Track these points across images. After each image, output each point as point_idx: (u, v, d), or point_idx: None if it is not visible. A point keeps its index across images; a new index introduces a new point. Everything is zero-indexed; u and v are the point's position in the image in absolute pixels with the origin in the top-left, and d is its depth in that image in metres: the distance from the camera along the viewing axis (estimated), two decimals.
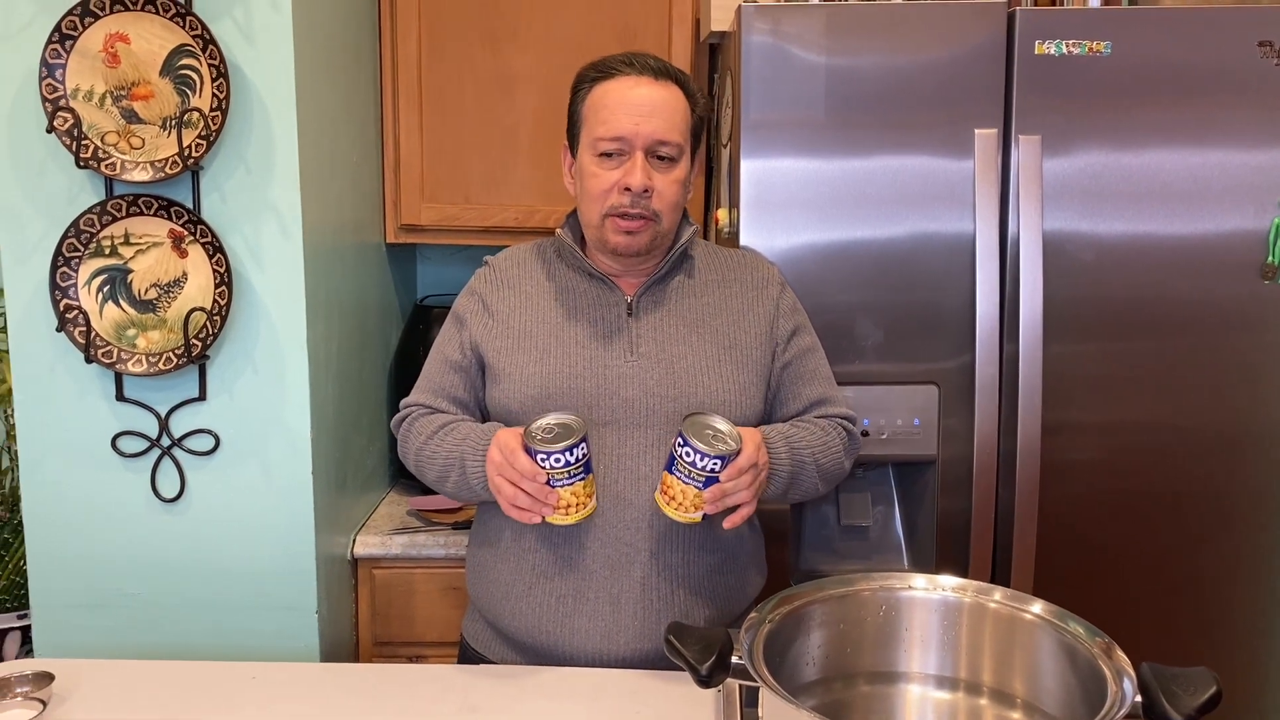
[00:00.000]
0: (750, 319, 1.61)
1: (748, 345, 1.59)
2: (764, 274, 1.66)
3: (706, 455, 1.38)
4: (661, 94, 1.51)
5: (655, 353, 1.55)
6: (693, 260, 1.64)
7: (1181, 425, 1.91)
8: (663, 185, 1.52)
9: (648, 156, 1.51)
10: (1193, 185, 1.87)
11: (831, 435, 1.60)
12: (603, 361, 1.54)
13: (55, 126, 1.70)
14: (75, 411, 1.82)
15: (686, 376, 1.54)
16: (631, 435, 1.52)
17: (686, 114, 1.54)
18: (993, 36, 1.85)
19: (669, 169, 1.52)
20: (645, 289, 1.59)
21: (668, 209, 1.53)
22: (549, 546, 1.53)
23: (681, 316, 1.58)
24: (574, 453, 1.37)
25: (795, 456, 1.53)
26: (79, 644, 1.86)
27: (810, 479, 1.57)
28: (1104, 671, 1.09)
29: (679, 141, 1.52)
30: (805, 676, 1.25)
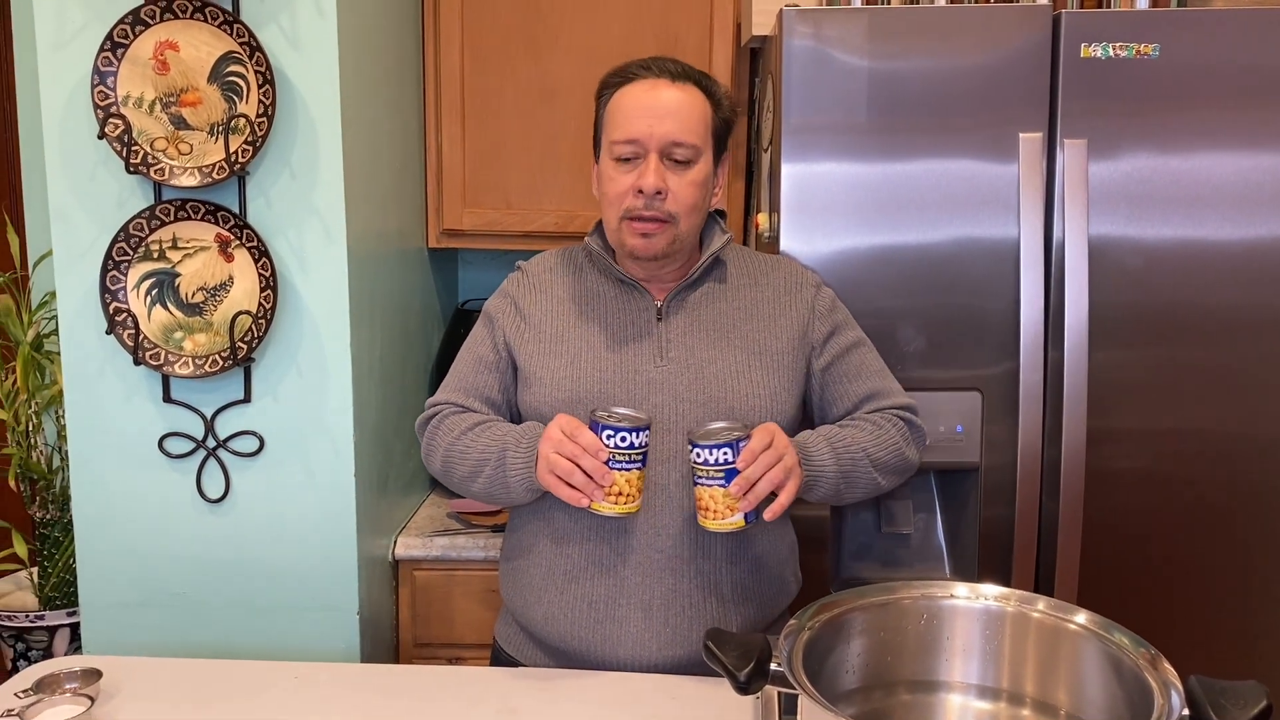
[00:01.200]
0: (783, 323, 1.59)
1: (779, 350, 1.58)
2: (797, 277, 1.64)
3: (714, 447, 1.38)
4: (678, 96, 1.51)
5: (684, 358, 1.55)
6: (725, 267, 1.63)
7: (1230, 433, 1.88)
8: (678, 187, 1.50)
9: (663, 159, 1.50)
10: (1243, 189, 1.84)
11: (886, 428, 1.58)
12: (632, 366, 1.54)
13: (106, 133, 1.73)
14: (124, 413, 1.85)
15: (715, 382, 1.53)
16: (662, 441, 1.51)
17: (706, 115, 1.53)
18: (1038, 39, 1.83)
19: (685, 170, 1.51)
20: (675, 294, 1.58)
21: (685, 211, 1.52)
22: (582, 551, 1.53)
23: (712, 321, 1.58)
24: (639, 436, 1.39)
25: (842, 455, 1.51)
26: (126, 641, 1.89)
27: (867, 475, 1.54)
28: (1150, 684, 1.07)
29: (695, 143, 1.51)
30: (845, 684, 1.24)
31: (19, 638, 2.35)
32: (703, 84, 1.54)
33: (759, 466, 1.38)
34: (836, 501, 1.57)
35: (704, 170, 1.53)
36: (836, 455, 1.51)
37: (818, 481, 1.49)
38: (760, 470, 1.38)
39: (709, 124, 1.53)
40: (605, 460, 1.39)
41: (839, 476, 1.51)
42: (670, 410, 1.52)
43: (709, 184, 1.55)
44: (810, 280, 1.65)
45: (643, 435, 1.40)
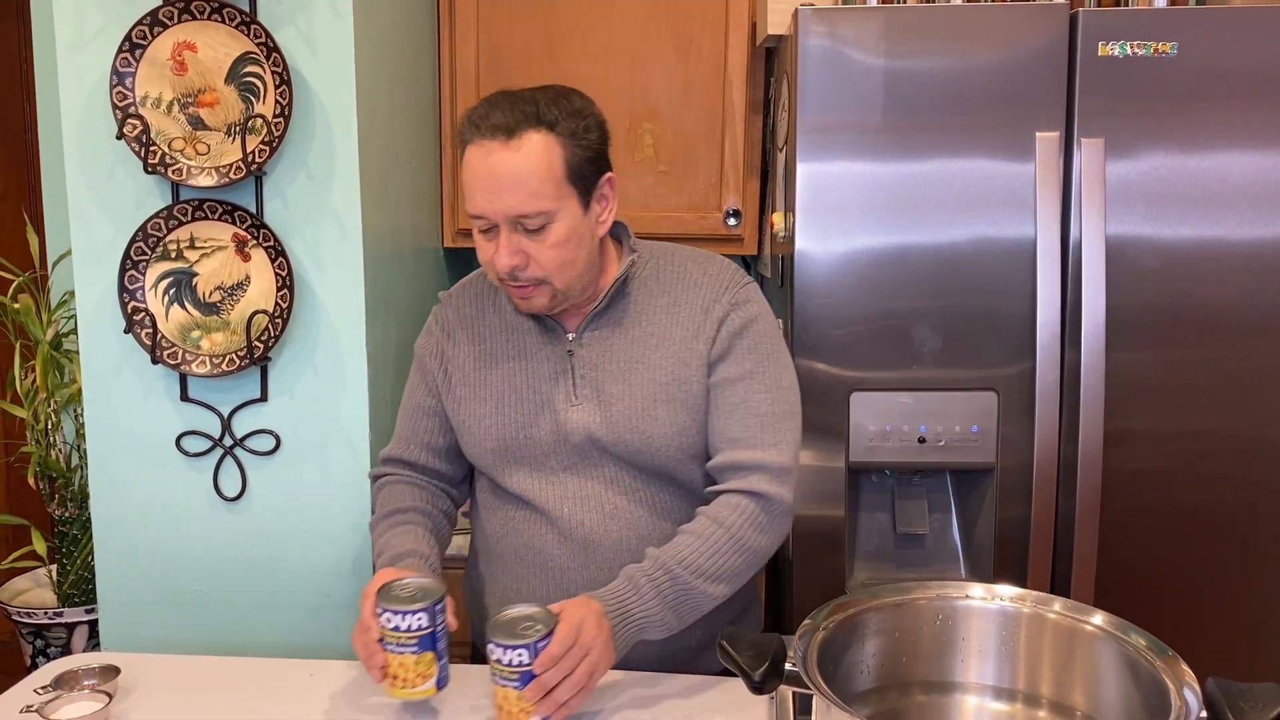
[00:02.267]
0: (696, 348, 1.48)
1: (688, 379, 1.47)
2: (716, 293, 1.50)
3: (510, 647, 1.26)
4: (513, 161, 1.35)
5: (593, 395, 1.48)
6: (641, 288, 1.51)
7: (1249, 435, 1.87)
8: (537, 253, 1.39)
9: (514, 228, 1.39)
10: (1262, 189, 1.83)
11: (728, 520, 1.42)
12: (550, 407, 1.49)
13: (125, 133, 1.74)
14: (141, 411, 1.86)
15: (622, 420, 1.47)
16: (589, 479, 1.49)
17: (554, 166, 1.37)
18: (1054, 38, 1.82)
19: (543, 235, 1.39)
20: (585, 326, 1.50)
21: (553, 271, 1.41)
22: (527, 582, 1.52)
23: (623, 351, 1.49)
24: (405, 619, 1.30)
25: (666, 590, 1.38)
26: (144, 639, 1.90)
27: (702, 595, 1.40)
28: (1167, 685, 1.07)
29: (543, 208, 1.37)
30: (860, 685, 1.23)
31: (38, 634, 2.37)
32: (547, 119, 1.37)
33: (555, 674, 1.27)
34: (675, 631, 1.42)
35: (565, 227, 1.39)
36: (660, 594, 1.38)
37: (646, 628, 1.38)
38: (556, 678, 1.27)
39: (558, 174, 1.38)
40: (380, 639, 1.32)
41: (669, 613, 1.39)
42: (588, 450, 1.48)
43: (578, 234, 1.41)
44: (728, 298, 1.50)
45: (413, 619, 1.30)
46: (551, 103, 1.39)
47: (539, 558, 1.52)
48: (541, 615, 1.30)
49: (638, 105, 2.34)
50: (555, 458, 1.50)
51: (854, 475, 1.94)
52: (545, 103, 1.39)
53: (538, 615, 1.30)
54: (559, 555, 1.50)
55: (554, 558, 1.51)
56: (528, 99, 1.39)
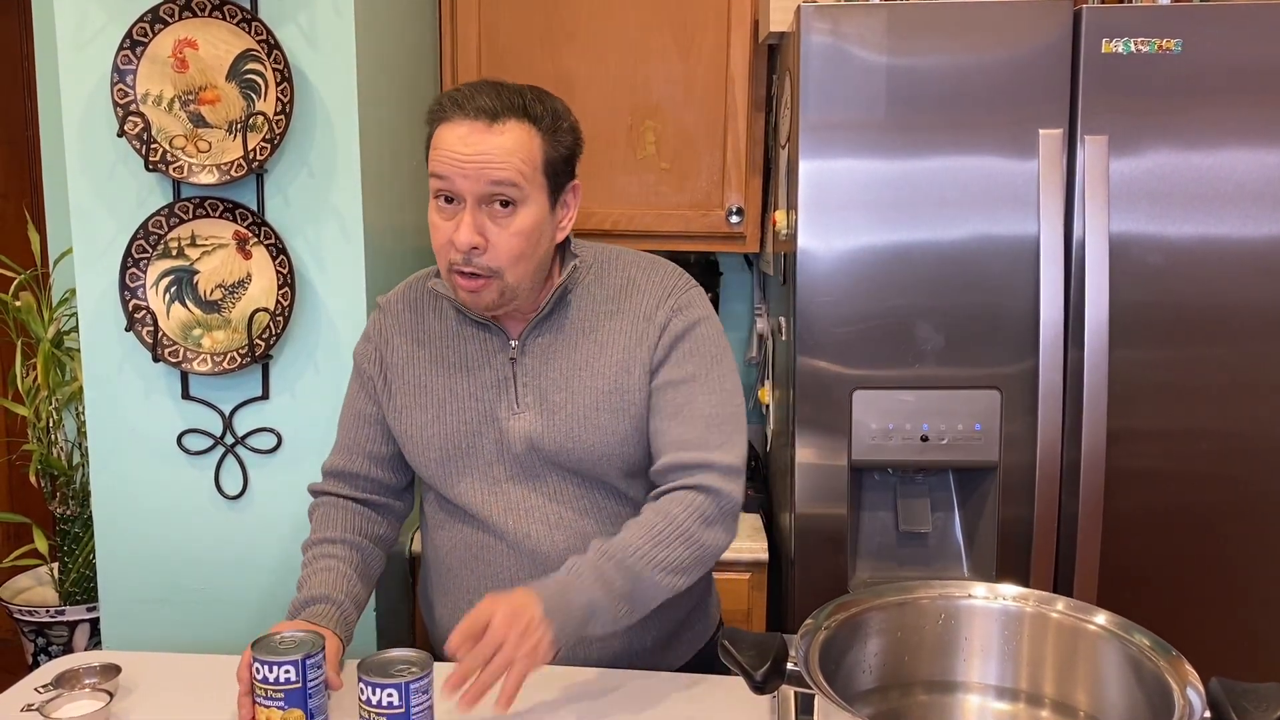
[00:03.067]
0: (637, 355, 1.46)
1: (630, 387, 1.45)
2: (659, 299, 1.48)
3: (379, 686, 1.21)
4: (495, 139, 1.35)
5: (536, 403, 1.46)
6: (583, 293, 1.49)
7: (1252, 434, 1.86)
8: (498, 238, 1.37)
9: (481, 204, 1.36)
10: (1267, 186, 1.82)
11: (674, 513, 1.38)
12: (493, 415, 1.47)
13: (126, 131, 1.74)
14: (143, 409, 1.86)
15: (564, 429, 1.45)
16: (533, 490, 1.47)
17: (534, 151, 1.37)
18: (1058, 35, 1.81)
19: (508, 218, 1.37)
20: (527, 332, 1.47)
21: (509, 263, 1.38)
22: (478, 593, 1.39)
23: (567, 358, 1.47)
24: (273, 671, 1.25)
25: (610, 579, 1.33)
26: (145, 637, 1.91)
27: (651, 584, 1.36)
28: (1171, 685, 1.07)
29: (517, 183, 1.35)
30: (861, 684, 1.23)
31: (39, 632, 2.37)
32: (532, 113, 1.37)
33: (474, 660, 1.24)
34: (630, 621, 1.38)
35: (532, 215, 1.38)
36: (605, 581, 1.33)
37: (594, 615, 1.32)
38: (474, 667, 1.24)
39: (537, 161, 1.37)
40: (250, 691, 1.28)
41: (618, 601, 1.34)
42: (531, 459, 1.46)
43: (541, 228, 1.40)
44: (670, 303, 1.48)
45: (280, 670, 1.25)
46: (536, 99, 1.39)
47: (488, 569, 1.50)
48: (419, 658, 1.25)
49: (640, 102, 2.34)
50: (499, 467, 1.48)
51: (856, 474, 1.94)
52: (530, 98, 1.39)
53: (415, 658, 1.25)
54: (508, 567, 1.48)
55: (503, 569, 1.49)
56: (514, 90, 1.39)
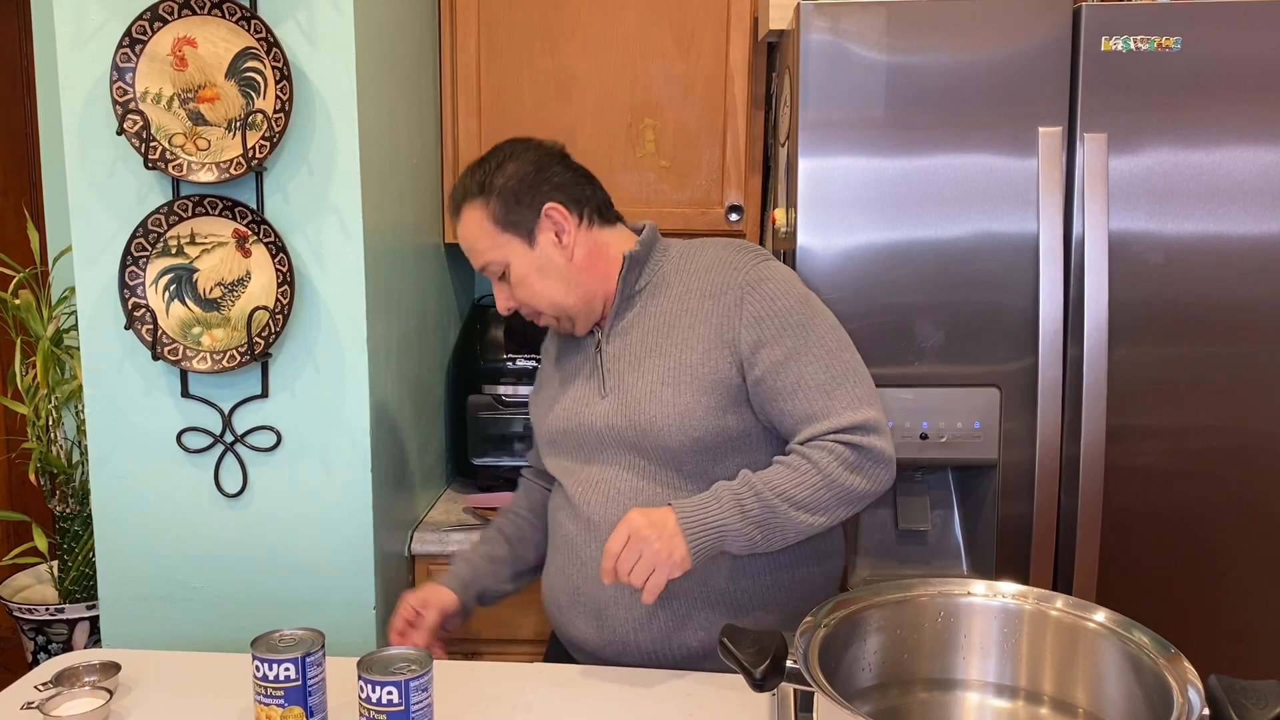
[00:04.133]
0: (701, 331, 1.52)
1: (695, 362, 1.51)
2: (727, 276, 1.52)
3: (379, 684, 1.21)
4: (461, 230, 1.59)
5: (617, 385, 1.57)
6: (658, 276, 1.59)
7: (1252, 430, 1.86)
8: (516, 293, 1.58)
9: (495, 278, 1.59)
10: (1266, 184, 1.82)
11: (817, 460, 1.44)
12: (584, 402, 1.60)
13: (125, 129, 1.74)
14: (142, 407, 1.86)
15: (634, 405, 1.53)
16: (603, 470, 1.57)
17: (483, 222, 1.56)
18: (1058, 32, 1.81)
19: (511, 280, 1.57)
20: (610, 325, 1.60)
21: (538, 301, 1.57)
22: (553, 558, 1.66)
23: (640, 341, 1.57)
24: (272, 669, 1.27)
25: (749, 505, 1.43)
26: (145, 635, 1.90)
27: (788, 520, 1.44)
28: (1170, 683, 1.07)
29: (495, 257, 1.56)
30: (861, 682, 1.23)
31: (39, 631, 2.37)
32: (471, 189, 1.57)
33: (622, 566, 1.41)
34: (766, 549, 1.47)
35: (523, 265, 1.56)
36: (741, 507, 1.43)
37: (725, 536, 1.43)
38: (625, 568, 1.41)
39: (489, 227, 1.55)
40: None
41: (752, 528, 1.43)
42: (608, 438, 1.56)
43: (539, 267, 1.56)
44: (739, 280, 1.51)
45: (280, 668, 1.26)
46: (479, 167, 1.58)
47: (559, 531, 1.64)
48: (418, 656, 1.26)
49: (639, 100, 2.34)
50: (583, 452, 1.60)
51: None
52: (475, 168, 1.58)
53: (414, 656, 1.26)
54: (573, 532, 1.60)
55: (571, 535, 1.60)
56: (468, 172, 1.59)
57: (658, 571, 1.41)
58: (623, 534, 1.42)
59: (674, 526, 1.42)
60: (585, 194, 1.59)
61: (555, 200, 1.56)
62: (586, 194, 1.59)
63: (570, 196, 1.57)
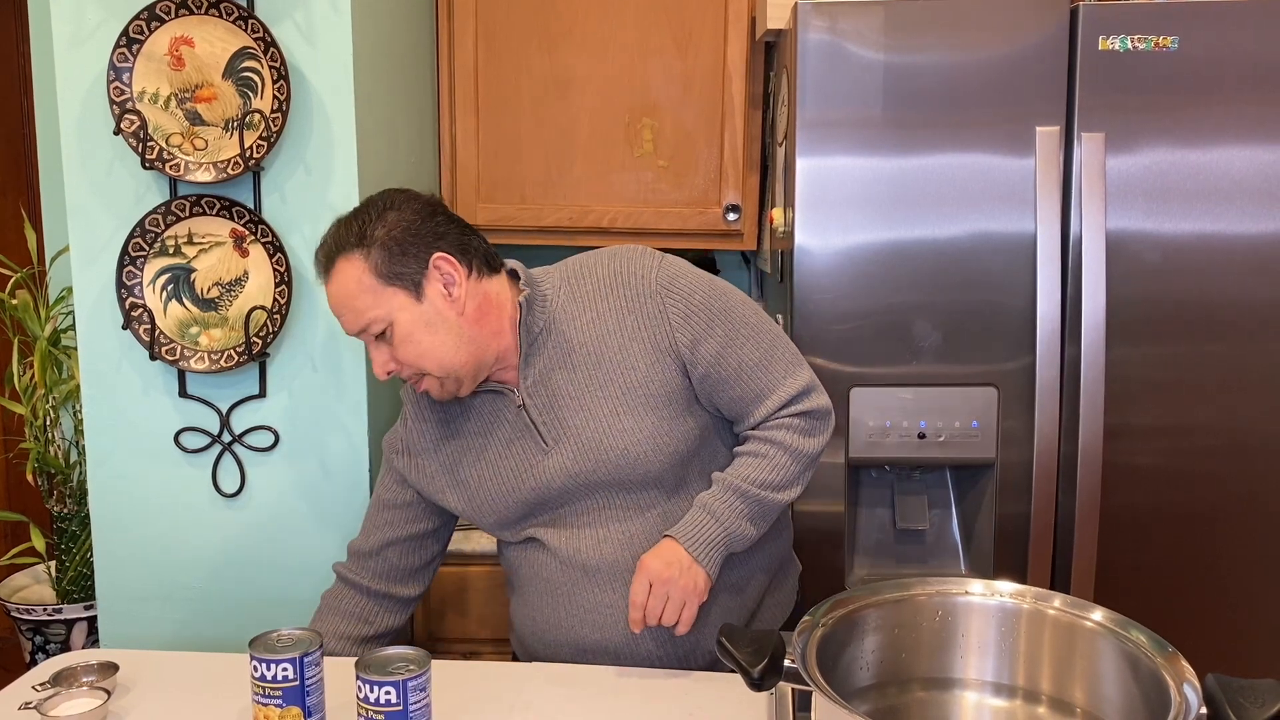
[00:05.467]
0: (635, 349, 1.47)
1: (641, 380, 1.47)
2: (635, 289, 1.47)
3: (377, 684, 1.21)
4: (333, 290, 1.43)
5: (560, 434, 1.49)
6: (558, 309, 1.50)
7: (1249, 430, 1.86)
8: (397, 354, 1.44)
9: (371, 339, 1.44)
10: (1263, 183, 1.82)
11: (778, 438, 1.49)
12: (524, 466, 1.51)
13: (122, 129, 1.74)
14: (140, 407, 1.86)
15: (594, 446, 1.48)
16: (587, 514, 1.53)
17: (361, 279, 1.40)
18: (1055, 32, 1.81)
19: (391, 339, 1.43)
20: (524, 377, 1.50)
21: (425, 360, 1.43)
22: (540, 606, 1.58)
23: (570, 380, 1.49)
24: (271, 669, 1.26)
25: (736, 509, 1.47)
26: (143, 635, 1.90)
27: (772, 502, 1.49)
28: (1167, 682, 1.07)
29: (372, 315, 1.41)
30: (859, 681, 1.23)
31: (37, 631, 2.37)
32: (352, 240, 1.41)
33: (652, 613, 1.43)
34: (760, 534, 1.51)
35: (408, 321, 1.42)
36: (733, 511, 1.47)
37: (733, 540, 1.47)
38: (655, 614, 1.43)
39: (368, 283, 1.40)
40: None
41: (747, 524, 1.48)
42: (572, 488, 1.51)
43: (423, 321, 1.42)
44: (650, 287, 1.47)
45: (279, 668, 1.25)
46: (354, 218, 1.44)
47: (546, 585, 1.57)
48: (416, 656, 1.25)
49: (637, 100, 2.34)
50: (544, 512, 1.54)
51: (854, 471, 1.94)
52: (349, 221, 1.44)
53: (412, 656, 1.25)
54: (563, 582, 1.55)
55: (559, 584, 1.55)
56: (340, 225, 1.44)
57: (689, 604, 1.44)
58: (644, 583, 1.42)
59: (687, 556, 1.44)
60: (472, 243, 1.47)
61: (443, 250, 1.43)
62: (473, 243, 1.47)
63: (458, 246, 1.45)
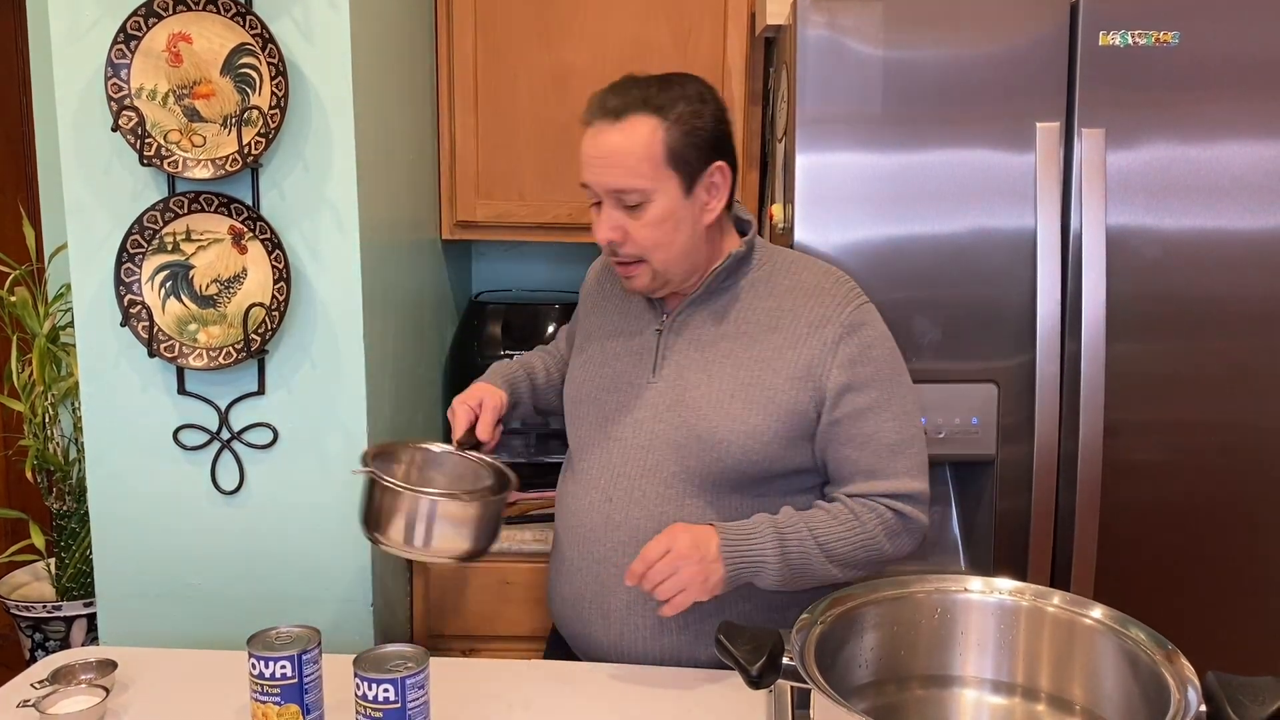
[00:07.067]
0: (789, 357, 1.48)
1: (774, 386, 1.47)
2: (828, 313, 1.49)
3: (375, 682, 1.21)
4: (616, 139, 1.44)
5: (672, 376, 1.52)
6: (749, 286, 1.53)
7: (1249, 426, 1.86)
8: (634, 230, 1.46)
9: (615, 204, 1.46)
10: (1264, 179, 1.82)
11: (865, 519, 1.46)
12: (627, 378, 1.55)
13: (120, 125, 1.74)
14: (139, 405, 1.86)
15: (693, 408, 1.49)
16: (635, 456, 1.52)
17: (652, 145, 1.43)
18: (1055, 28, 1.81)
19: (639, 213, 1.45)
20: (681, 310, 1.54)
21: (651, 250, 1.47)
22: (560, 557, 1.62)
23: (711, 342, 1.51)
24: (269, 666, 1.26)
25: (792, 548, 1.43)
26: (142, 632, 1.90)
27: (821, 568, 1.45)
28: (1167, 679, 1.07)
29: (640, 186, 1.43)
30: (858, 679, 1.23)
31: (36, 628, 2.37)
32: (653, 103, 1.44)
33: (653, 576, 1.39)
34: (788, 589, 1.47)
35: (662, 207, 1.45)
36: (783, 548, 1.43)
37: (760, 571, 1.43)
38: (655, 580, 1.39)
39: (658, 155, 1.43)
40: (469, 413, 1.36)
41: (785, 569, 1.44)
42: (647, 428, 1.51)
43: (676, 216, 1.46)
44: (843, 319, 1.48)
45: (277, 665, 1.26)
46: (665, 88, 1.45)
47: (569, 521, 1.59)
48: (415, 654, 1.25)
49: None
50: (611, 427, 1.55)
51: None
52: (659, 88, 1.45)
53: (411, 654, 1.25)
54: (586, 525, 1.55)
55: (581, 527, 1.56)
56: (643, 84, 1.46)
57: (687, 592, 1.40)
58: (663, 545, 1.40)
59: (715, 552, 1.41)
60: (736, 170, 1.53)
61: (723, 161, 1.48)
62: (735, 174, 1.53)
63: (731, 164, 1.50)
